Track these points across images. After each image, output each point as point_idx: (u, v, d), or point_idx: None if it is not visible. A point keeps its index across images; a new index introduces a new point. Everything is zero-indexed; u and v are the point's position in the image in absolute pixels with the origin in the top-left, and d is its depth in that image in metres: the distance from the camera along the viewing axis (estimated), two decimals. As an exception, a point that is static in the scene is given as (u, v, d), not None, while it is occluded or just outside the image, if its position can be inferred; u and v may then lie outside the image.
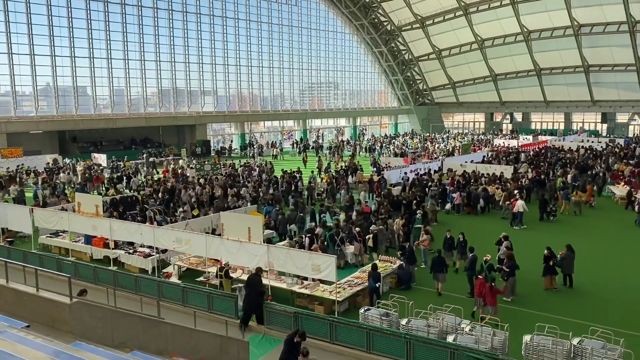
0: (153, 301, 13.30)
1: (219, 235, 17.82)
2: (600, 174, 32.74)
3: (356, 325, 12.27)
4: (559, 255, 16.64)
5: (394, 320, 12.71)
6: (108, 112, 48.52)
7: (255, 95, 60.58)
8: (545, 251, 16.69)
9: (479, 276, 14.63)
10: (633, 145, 49.32)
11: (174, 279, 17.17)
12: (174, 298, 14.97)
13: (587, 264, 18.68)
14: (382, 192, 28.46)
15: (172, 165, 40.29)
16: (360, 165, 39.12)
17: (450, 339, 11.67)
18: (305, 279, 15.67)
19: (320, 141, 61.80)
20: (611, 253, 20.31)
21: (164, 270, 18.05)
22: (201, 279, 16.72)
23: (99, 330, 8.79)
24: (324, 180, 32.03)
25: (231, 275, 15.96)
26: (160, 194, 27.43)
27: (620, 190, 29.97)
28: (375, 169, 38.57)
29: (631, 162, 38.33)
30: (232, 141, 60.58)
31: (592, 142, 52.39)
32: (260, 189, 28.48)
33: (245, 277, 16.27)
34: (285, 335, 11.12)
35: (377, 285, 15.20)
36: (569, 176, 31.41)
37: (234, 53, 56.88)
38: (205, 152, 52.09)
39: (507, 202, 25.56)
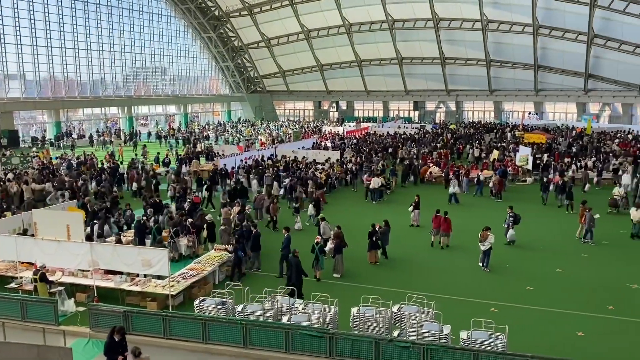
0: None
1: (32, 235, 16.03)
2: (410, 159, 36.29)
3: (191, 318, 12.03)
4: (377, 229, 18.18)
5: (230, 307, 12.71)
6: None
7: (71, 79, 55.14)
8: (371, 228, 18.11)
9: (437, 214, 19.52)
10: (439, 130, 55.59)
11: (-23, 289, 15.02)
12: (-22, 310, 13.12)
13: (406, 236, 20.75)
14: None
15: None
16: (198, 153, 38.44)
17: (284, 319, 12.04)
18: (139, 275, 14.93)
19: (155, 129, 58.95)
20: (429, 225, 22.68)
21: (-36, 280, 15.69)
22: (13, 285, 14.88)
23: None
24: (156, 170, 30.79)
25: (49, 278, 14.46)
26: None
27: (433, 170, 33.46)
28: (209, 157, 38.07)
29: (437, 145, 43.30)
30: (45, 130, 54.52)
31: (407, 127, 57.76)
32: (79, 181, 26.22)
33: (65, 279, 14.97)
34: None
35: (242, 255, 15.93)
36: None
37: (44, 33, 50.96)
38: (12, 142, 46.13)
39: (367, 181, 27.80)
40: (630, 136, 47.87)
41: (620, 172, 30.59)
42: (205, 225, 19.11)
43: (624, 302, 14.82)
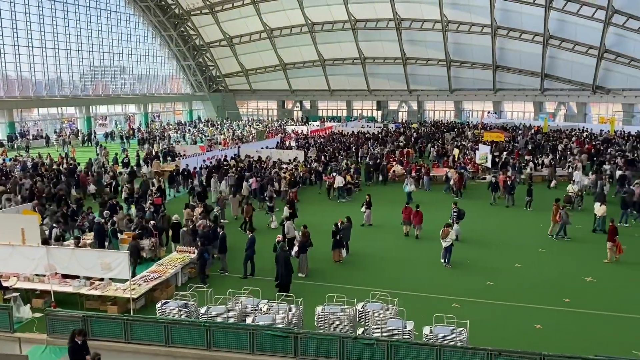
0: None
1: (-15, 240, 15.41)
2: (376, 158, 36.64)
3: (153, 321, 11.79)
4: (340, 225, 18.34)
5: (193, 310, 12.54)
6: None
7: (25, 79, 53.24)
8: (334, 227, 18.22)
9: (407, 205, 21.53)
10: (402, 128, 56.25)
11: None
12: None
13: (370, 234, 20.94)
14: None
15: None
16: (157, 154, 37.82)
17: (249, 320, 11.96)
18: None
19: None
20: (394, 222, 22.94)
21: None
22: (-37, 292, 14.29)
23: None
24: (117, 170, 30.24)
25: (3, 284, 13.96)
26: None
27: (396, 168, 33.85)
28: (170, 157, 37.53)
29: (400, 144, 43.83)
30: (-2, 131, 52.50)
31: (370, 127, 58.19)
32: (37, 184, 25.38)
33: (20, 285, 14.49)
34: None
35: (208, 257, 15.98)
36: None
37: (-5, 29, 49.10)
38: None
39: (329, 180, 28.51)
40: (585, 134, 49.60)
41: (570, 170, 31.58)
42: (170, 226, 18.84)
43: (580, 294, 15.35)
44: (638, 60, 52.23)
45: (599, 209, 21.41)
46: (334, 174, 29.32)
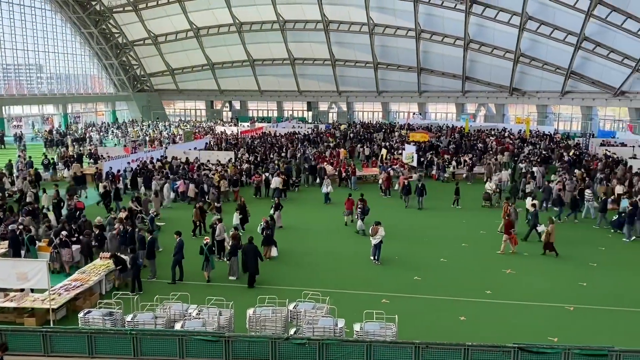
0: None
1: None
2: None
3: (75, 331, 11.25)
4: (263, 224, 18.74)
5: (118, 318, 12.09)
6: None
7: None
8: (263, 223, 18.36)
9: (349, 197, 22.53)
10: (332, 130, 56.85)
11: None
12: None
13: (300, 234, 21.02)
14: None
15: None
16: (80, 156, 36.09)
17: (178, 326, 11.68)
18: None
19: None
20: (324, 222, 23.13)
21: None
22: None
23: None
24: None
25: None
26: None
27: (327, 168, 34.11)
28: (92, 160, 35.94)
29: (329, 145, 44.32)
30: None
31: (301, 127, 58.34)
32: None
33: None
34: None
35: (141, 263, 15.83)
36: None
37: None
38: None
39: (257, 179, 28.85)
40: (506, 133, 52.34)
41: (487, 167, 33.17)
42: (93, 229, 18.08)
43: (500, 286, 16.18)
44: (550, 64, 55.77)
45: (529, 203, 22.62)
46: (267, 174, 29.08)
